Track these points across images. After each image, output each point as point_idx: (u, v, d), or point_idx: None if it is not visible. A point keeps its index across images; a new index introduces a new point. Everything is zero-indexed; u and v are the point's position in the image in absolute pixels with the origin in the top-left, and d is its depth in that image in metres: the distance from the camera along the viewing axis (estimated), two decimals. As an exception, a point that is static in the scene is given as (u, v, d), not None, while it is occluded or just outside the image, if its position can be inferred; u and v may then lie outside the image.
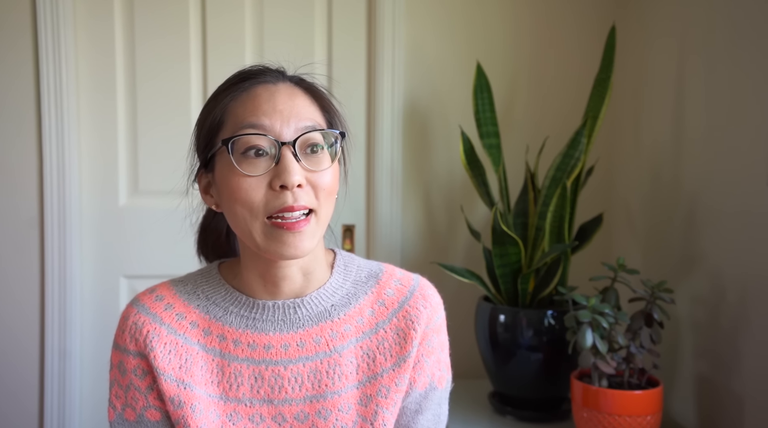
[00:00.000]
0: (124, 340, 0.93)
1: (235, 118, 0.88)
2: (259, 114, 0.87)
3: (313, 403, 0.93)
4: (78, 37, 1.91)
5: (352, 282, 0.99)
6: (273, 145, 0.86)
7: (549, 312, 1.67)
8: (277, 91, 0.89)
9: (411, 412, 1.00)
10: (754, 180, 1.39)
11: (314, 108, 0.91)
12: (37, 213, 1.91)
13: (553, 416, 1.72)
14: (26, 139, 1.89)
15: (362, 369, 0.95)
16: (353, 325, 0.96)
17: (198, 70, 1.97)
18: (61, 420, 1.92)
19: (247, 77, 0.91)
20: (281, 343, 0.93)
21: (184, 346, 0.92)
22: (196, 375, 0.92)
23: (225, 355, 0.93)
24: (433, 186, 2.05)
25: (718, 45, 1.53)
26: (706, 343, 1.57)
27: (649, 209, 1.83)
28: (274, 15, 1.98)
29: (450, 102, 2.02)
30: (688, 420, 1.64)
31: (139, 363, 0.92)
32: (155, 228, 1.98)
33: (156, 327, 0.92)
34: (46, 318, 1.91)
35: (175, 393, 0.90)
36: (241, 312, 0.94)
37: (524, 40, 2.03)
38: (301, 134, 0.87)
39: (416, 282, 1.01)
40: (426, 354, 0.98)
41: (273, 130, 0.86)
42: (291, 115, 0.88)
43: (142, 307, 0.94)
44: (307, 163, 0.87)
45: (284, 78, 0.92)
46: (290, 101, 0.89)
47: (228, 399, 0.92)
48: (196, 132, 0.94)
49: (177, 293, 0.96)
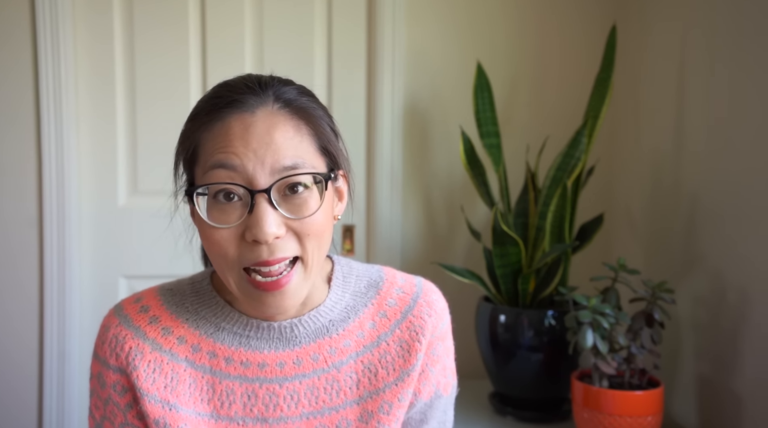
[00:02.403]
0: (104, 352, 0.86)
1: (205, 154, 0.78)
2: (230, 152, 0.76)
3: (310, 420, 0.87)
4: (77, 35, 1.91)
5: (351, 294, 0.92)
6: (245, 191, 0.76)
7: (549, 312, 1.67)
8: (253, 124, 0.77)
9: (416, 422, 0.96)
10: (754, 180, 1.39)
11: (300, 138, 0.79)
12: (36, 213, 1.90)
13: (554, 416, 1.71)
14: (25, 139, 1.89)
15: (363, 384, 0.89)
16: (353, 340, 0.90)
17: (197, 69, 1.97)
18: (60, 421, 1.92)
19: (221, 103, 0.79)
20: (276, 361, 0.87)
21: (170, 363, 0.85)
22: (183, 394, 0.85)
23: (216, 372, 0.86)
24: (434, 186, 2.04)
25: (719, 45, 1.52)
26: (707, 344, 1.56)
27: (649, 209, 1.83)
28: (273, 15, 1.98)
29: (450, 102, 2.01)
30: (688, 420, 1.63)
31: (119, 379, 0.85)
32: (155, 229, 1.97)
33: (139, 344, 0.85)
34: (45, 318, 1.90)
35: (159, 415, 0.84)
36: (233, 330, 0.87)
37: (525, 39, 2.03)
38: (277, 180, 0.76)
39: (419, 287, 0.95)
40: (431, 363, 0.93)
41: (245, 173, 0.76)
42: (266, 155, 0.76)
43: (125, 319, 0.87)
44: (287, 209, 0.77)
45: (266, 100, 0.79)
46: (267, 136, 0.76)
47: (219, 417, 0.86)
48: (175, 154, 0.85)
49: (164, 304, 0.89)
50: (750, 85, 1.42)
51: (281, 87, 0.82)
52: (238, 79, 0.82)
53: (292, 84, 0.84)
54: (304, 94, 0.83)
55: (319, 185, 0.79)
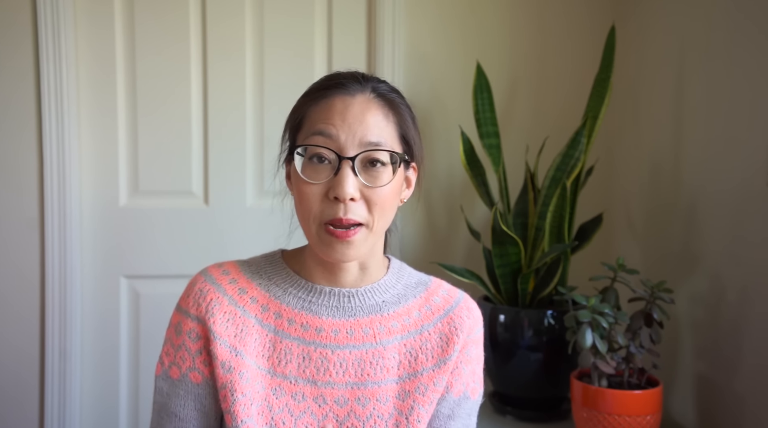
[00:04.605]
0: (188, 303, 0.99)
1: (310, 123, 0.94)
2: (329, 124, 0.92)
3: (354, 390, 0.98)
4: (78, 37, 1.91)
5: (403, 285, 1.05)
6: (335, 157, 0.92)
7: (549, 312, 1.67)
8: (352, 104, 0.94)
9: (444, 416, 1.04)
10: (753, 179, 1.39)
11: (386, 123, 0.95)
12: (38, 213, 1.90)
13: (553, 416, 1.72)
14: (27, 139, 1.89)
15: (404, 365, 1.00)
16: (400, 323, 1.01)
17: (198, 68, 1.97)
18: (61, 421, 1.92)
19: (331, 84, 0.96)
20: (332, 328, 0.98)
21: (242, 318, 0.98)
22: (249, 345, 0.97)
23: (279, 332, 0.98)
24: (433, 186, 2.05)
25: (718, 44, 1.53)
26: (706, 343, 1.57)
27: (648, 209, 1.83)
28: (274, 15, 1.98)
29: (450, 102, 2.02)
30: (687, 419, 1.64)
31: (195, 327, 0.98)
32: (155, 229, 1.98)
33: (219, 297, 0.98)
34: (47, 318, 1.91)
35: (227, 358, 0.96)
36: (299, 294, 1.00)
37: (524, 40, 2.03)
38: (362, 152, 0.92)
39: (461, 295, 1.08)
40: (464, 362, 1.04)
41: (338, 142, 0.92)
42: (358, 130, 0.92)
43: (210, 277, 1.00)
44: (365, 178, 0.92)
45: (365, 89, 0.96)
46: (361, 115, 0.93)
47: (275, 374, 0.97)
48: (286, 123, 1.01)
49: (242, 270, 1.02)
50: (749, 84, 1.42)
51: (379, 83, 0.99)
52: (346, 71, 0.99)
53: (387, 83, 1.00)
54: (395, 92, 1.00)
55: (394, 165, 0.95)
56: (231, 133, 1.99)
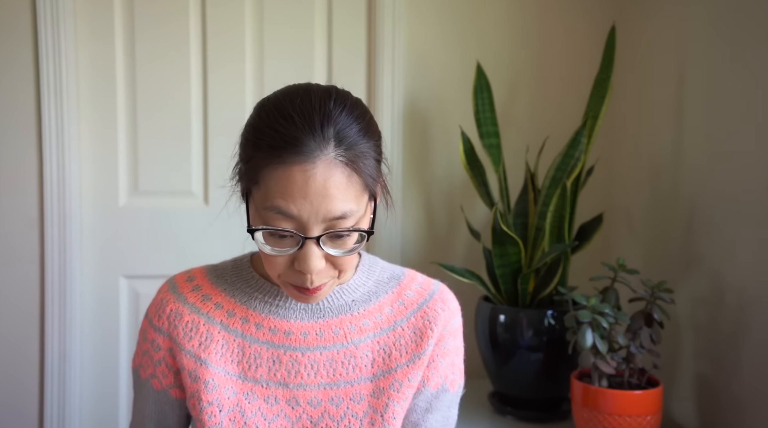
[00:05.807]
0: (152, 312, 1.01)
1: (267, 191, 0.86)
2: (289, 201, 0.84)
3: (327, 390, 0.98)
4: (78, 34, 1.91)
5: (374, 282, 1.03)
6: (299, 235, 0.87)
7: (549, 312, 1.67)
8: (313, 175, 0.84)
9: (421, 410, 1.03)
10: (754, 180, 1.39)
11: (348, 184, 0.86)
12: (37, 213, 1.90)
13: (553, 416, 1.72)
14: (26, 139, 1.89)
15: (377, 363, 1.00)
16: (372, 321, 1.01)
17: (198, 70, 1.97)
18: (60, 421, 1.92)
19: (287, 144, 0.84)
20: (301, 331, 0.98)
21: (206, 325, 0.98)
22: (215, 353, 0.97)
23: (246, 337, 0.98)
24: (433, 186, 2.05)
25: (719, 45, 1.53)
26: (706, 343, 1.57)
27: (649, 209, 1.83)
28: (274, 14, 1.98)
29: (450, 102, 2.02)
30: (688, 420, 1.64)
31: (156, 338, 0.99)
32: (155, 229, 1.98)
33: (179, 307, 0.99)
34: (46, 319, 1.91)
35: (192, 368, 0.97)
36: (265, 299, 1.00)
37: (524, 40, 2.03)
38: (326, 232, 0.86)
39: (436, 287, 1.06)
40: (441, 355, 1.03)
41: (300, 221, 0.85)
42: (321, 206, 0.85)
43: (173, 286, 1.02)
44: (331, 247, 0.88)
45: (327, 146, 0.85)
46: (323, 189, 0.84)
47: (246, 378, 0.98)
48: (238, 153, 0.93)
49: (207, 276, 1.03)
50: (749, 85, 1.42)
51: (344, 125, 0.87)
52: (300, 106, 0.87)
53: (354, 115, 0.90)
54: (363, 133, 0.89)
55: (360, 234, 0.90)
56: (231, 132, 1.98)
